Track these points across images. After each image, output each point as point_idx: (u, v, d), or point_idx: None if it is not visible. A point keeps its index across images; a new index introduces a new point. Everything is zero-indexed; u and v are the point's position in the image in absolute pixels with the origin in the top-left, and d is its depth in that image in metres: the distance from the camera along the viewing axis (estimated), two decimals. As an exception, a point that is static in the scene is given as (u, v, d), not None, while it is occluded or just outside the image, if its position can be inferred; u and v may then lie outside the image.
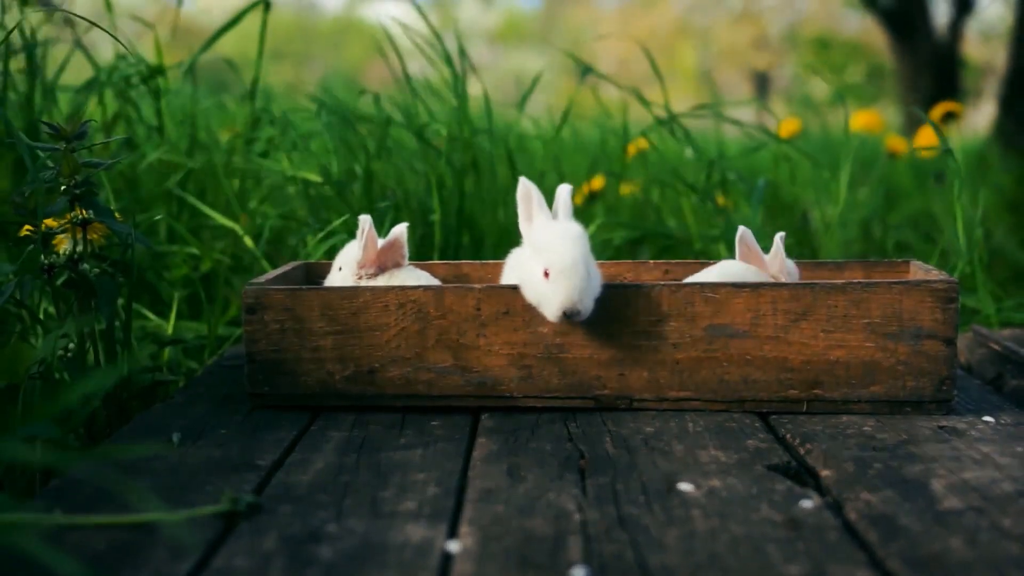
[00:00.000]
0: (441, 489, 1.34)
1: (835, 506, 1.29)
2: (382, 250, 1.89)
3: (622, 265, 2.12)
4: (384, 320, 1.71)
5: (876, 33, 11.55)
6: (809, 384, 1.68)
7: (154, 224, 2.58)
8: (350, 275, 1.89)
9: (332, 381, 1.73)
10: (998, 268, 3.49)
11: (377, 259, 1.88)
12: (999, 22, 13.59)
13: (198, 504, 1.28)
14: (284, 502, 1.30)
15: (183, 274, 2.56)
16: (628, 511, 1.26)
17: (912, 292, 1.66)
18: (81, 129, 1.72)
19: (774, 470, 1.41)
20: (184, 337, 2.33)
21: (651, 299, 1.69)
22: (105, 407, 1.79)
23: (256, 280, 1.78)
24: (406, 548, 1.15)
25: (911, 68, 8.96)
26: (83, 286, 1.71)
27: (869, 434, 1.57)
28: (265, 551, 1.14)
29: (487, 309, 1.70)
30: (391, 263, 1.91)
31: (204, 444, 1.56)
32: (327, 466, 1.44)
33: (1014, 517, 1.22)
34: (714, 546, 1.15)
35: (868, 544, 1.16)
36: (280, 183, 2.87)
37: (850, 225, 3.32)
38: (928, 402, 1.68)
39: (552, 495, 1.32)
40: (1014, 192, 4.28)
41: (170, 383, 2.03)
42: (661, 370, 1.70)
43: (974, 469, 1.40)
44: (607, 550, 1.14)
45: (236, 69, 3.20)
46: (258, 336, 1.73)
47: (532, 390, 1.72)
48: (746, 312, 1.68)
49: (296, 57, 16.75)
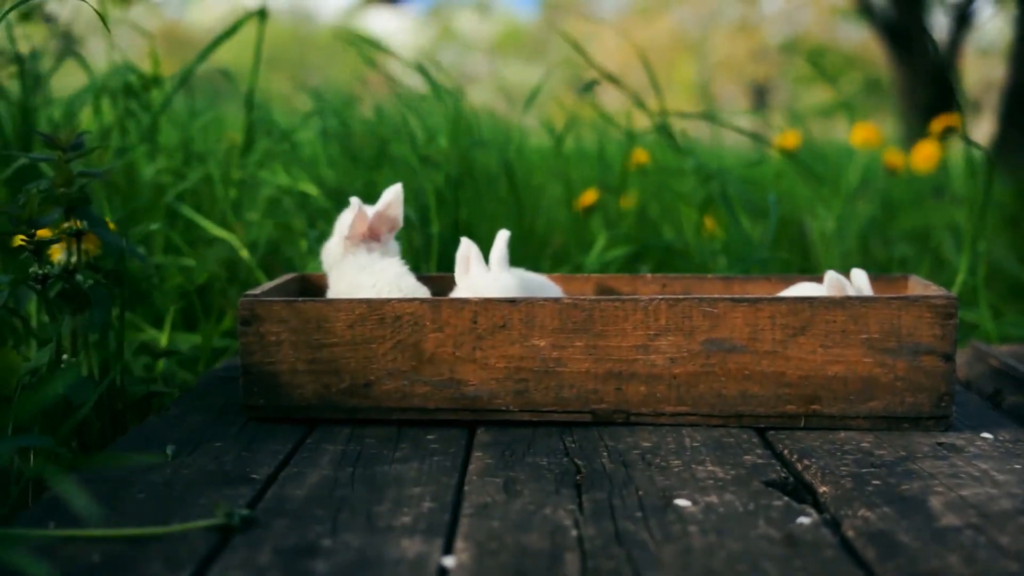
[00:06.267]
0: (437, 504, 1.34)
1: (833, 523, 1.28)
2: (375, 218, 1.92)
3: (619, 279, 2.11)
4: (380, 333, 1.71)
5: (874, 46, 11.58)
6: (807, 399, 1.68)
7: (150, 234, 2.58)
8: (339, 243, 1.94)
9: (328, 394, 1.73)
10: (997, 283, 3.49)
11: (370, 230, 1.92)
12: (998, 37, 13.63)
13: (193, 517, 1.27)
14: (279, 516, 1.29)
15: (178, 285, 2.55)
16: (625, 527, 1.25)
17: (911, 308, 1.65)
18: (77, 140, 1.71)
19: (772, 486, 1.41)
20: (179, 348, 2.32)
21: (648, 313, 1.68)
22: (99, 418, 1.78)
23: (252, 292, 1.78)
24: (401, 563, 1.14)
25: (910, 81, 8.97)
26: (77, 296, 1.70)
27: (867, 450, 1.57)
28: (260, 565, 1.14)
29: (483, 322, 1.69)
30: (386, 228, 1.93)
31: (199, 457, 1.55)
32: (322, 479, 1.44)
33: (1012, 535, 1.21)
34: (711, 563, 1.14)
35: (866, 561, 1.15)
36: (276, 195, 2.86)
37: (848, 238, 3.32)
38: (926, 418, 1.67)
39: (548, 510, 1.31)
40: (1013, 207, 4.29)
41: (165, 395, 2.03)
42: (658, 384, 1.69)
43: (972, 486, 1.39)
44: (604, 566, 1.13)
45: (232, 79, 3.20)
46: (253, 348, 1.72)
47: (528, 404, 1.71)
48: (744, 327, 1.67)
49: (292, 66, 16.77)
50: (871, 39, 11.46)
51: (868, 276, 1.97)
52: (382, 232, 1.95)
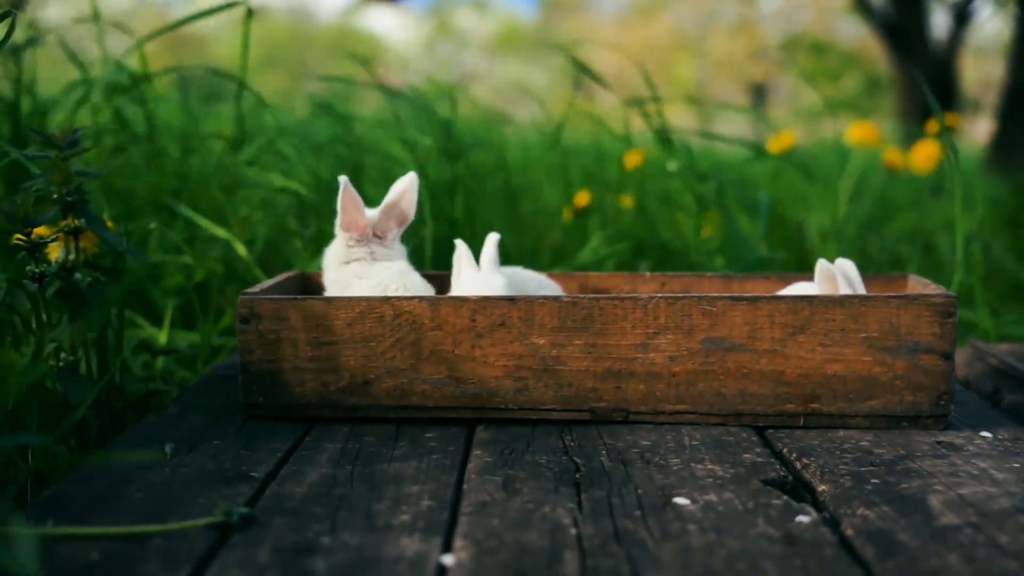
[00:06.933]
0: (435, 502, 1.33)
1: (832, 521, 1.28)
2: (383, 212, 1.88)
3: (618, 277, 2.11)
4: (379, 331, 1.70)
5: (873, 45, 11.58)
6: (806, 398, 1.68)
7: (147, 232, 2.57)
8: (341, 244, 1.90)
9: (327, 392, 1.73)
10: (996, 282, 3.49)
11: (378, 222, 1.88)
12: (997, 35, 13.63)
13: (191, 515, 1.27)
14: (278, 514, 1.29)
15: (177, 283, 2.55)
16: (624, 525, 1.25)
17: (910, 306, 1.65)
18: (73, 137, 1.71)
19: (771, 485, 1.41)
20: (178, 347, 2.32)
21: (648, 311, 1.68)
22: (98, 417, 1.78)
23: (251, 290, 1.77)
24: (400, 561, 1.14)
25: (909, 80, 8.98)
26: (74, 295, 1.70)
27: (866, 449, 1.57)
28: (259, 563, 1.13)
29: (482, 320, 1.69)
30: (396, 223, 1.90)
31: (197, 455, 1.55)
32: (321, 478, 1.43)
33: (1011, 533, 1.21)
34: (710, 561, 1.14)
35: (865, 560, 1.15)
36: (270, 194, 2.86)
37: (846, 237, 3.32)
38: (926, 417, 1.67)
39: (547, 508, 1.31)
40: (1012, 206, 4.29)
41: (163, 393, 2.02)
42: (657, 383, 1.69)
43: (971, 485, 1.39)
44: (603, 564, 1.13)
45: (226, 77, 3.19)
46: (252, 346, 1.72)
47: (527, 402, 1.71)
48: (743, 325, 1.67)
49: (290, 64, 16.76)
50: (870, 38, 11.46)
51: (868, 276, 1.97)
52: (388, 229, 1.92)
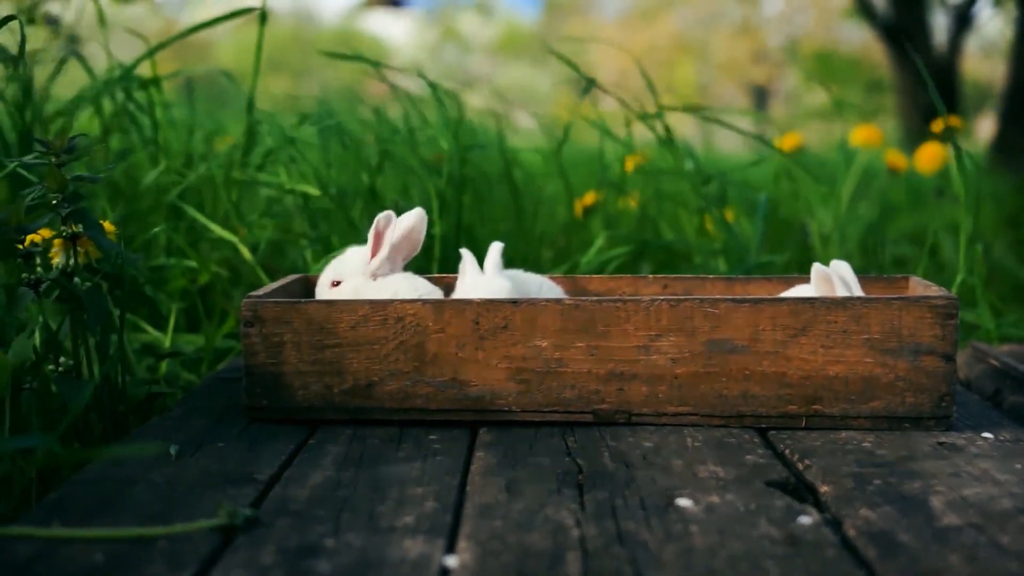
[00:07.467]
0: (439, 504, 1.34)
1: (834, 522, 1.29)
2: (396, 247, 1.89)
3: (620, 279, 2.11)
4: (382, 334, 1.71)
5: (875, 48, 11.58)
6: (808, 400, 1.68)
7: (153, 236, 2.58)
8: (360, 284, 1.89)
9: (330, 395, 1.73)
10: (997, 283, 3.49)
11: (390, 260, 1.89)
12: (999, 37, 13.62)
13: (196, 517, 1.27)
14: (282, 516, 1.29)
15: (181, 286, 2.55)
16: (627, 527, 1.25)
17: (912, 308, 1.65)
18: (70, 144, 1.72)
19: (773, 486, 1.41)
20: (182, 350, 2.33)
21: (650, 313, 1.68)
22: (101, 420, 1.78)
23: (255, 293, 1.78)
24: (404, 563, 1.14)
25: (911, 83, 8.97)
26: (73, 300, 1.71)
27: (868, 450, 1.57)
28: (263, 565, 1.14)
29: (486, 323, 1.70)
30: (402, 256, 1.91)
31: (202, 457, 1.55)
32: (325, 480, 1.44)
33: (1013, 534, 1.22)
34: (713, 563, 1.15)
35: (867, 561, 1.15)
36: (278, 197, 2.87)
37: (849, 239, 3.32)
38: (927, 418, 1.68)
39: (550, 510, 1.31)
40: (1013, 206, 4.29)
41: (167, 396, 2.03)
42: (660, 385, 1.70)
43: (973, 486, 1.40)
44: (605, 566, 1.13)
45: (234, 81, 3.20)
46: (256, 349, 1.73)
47: (530, 404, 1.71)
48: (746, 327, 1.67)
49: (294, 69, 16.77)
50: (872, 41, 11.46)
51: (870, 278, 1.98)
52: (396, 263, 1.92)
